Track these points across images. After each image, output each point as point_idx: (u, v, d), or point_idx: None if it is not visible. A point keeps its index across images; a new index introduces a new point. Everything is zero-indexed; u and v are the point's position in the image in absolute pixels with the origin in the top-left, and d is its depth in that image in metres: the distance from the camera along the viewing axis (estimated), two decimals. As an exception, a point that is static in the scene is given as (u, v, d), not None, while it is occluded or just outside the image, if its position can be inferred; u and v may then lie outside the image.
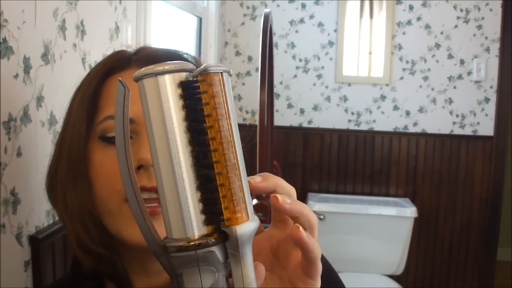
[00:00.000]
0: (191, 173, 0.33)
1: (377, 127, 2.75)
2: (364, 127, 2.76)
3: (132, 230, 0.55)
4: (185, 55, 0.66)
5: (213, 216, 0.34)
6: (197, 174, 0.33)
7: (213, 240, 0.33)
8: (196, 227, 0.33)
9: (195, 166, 0.33)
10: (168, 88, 0.33)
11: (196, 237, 0.33)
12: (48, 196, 0.64)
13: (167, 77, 0.33)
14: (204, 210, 0.33)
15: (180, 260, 0.33)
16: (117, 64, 0.63)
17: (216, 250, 0.34)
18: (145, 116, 0.34)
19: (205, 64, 0.34)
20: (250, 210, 0.34)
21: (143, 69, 0.33)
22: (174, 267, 0.34)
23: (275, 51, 2.68)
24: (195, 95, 0.33)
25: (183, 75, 0.34)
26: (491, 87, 2.67)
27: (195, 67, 0.35)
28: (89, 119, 0.60)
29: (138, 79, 0.34)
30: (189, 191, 0.33)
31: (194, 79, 0.34)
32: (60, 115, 0.94)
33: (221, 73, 0.34)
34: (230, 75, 0.36)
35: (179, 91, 0.33)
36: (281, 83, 2.77)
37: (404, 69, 2.72)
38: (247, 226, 0.34)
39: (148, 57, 0.62)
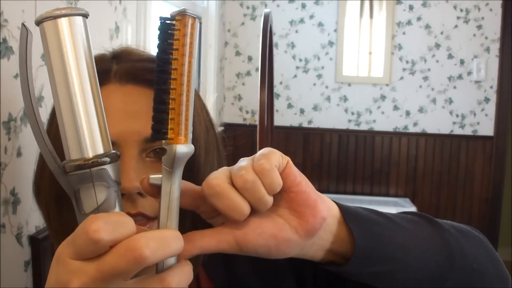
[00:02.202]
0: (90, 101, 0.39)
1: (377, 127, 2.75)
2: (364, 127, 2.76)
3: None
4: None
5: (159, 134, 0.39)
6: (154, 96, 0.39)
7: (105, 159, 0.38)
8: (90, 148, 0.38)
9: (98, 97, 0.39)
10: (66, 29, 0.39)
11: (91, 157, 0.38)
12: (35, 197, 0.62)
13: (64, 20, 0.39)
14: (152, 127, 0.39)
15: (77, 178, 0.38)
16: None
17: (109, 168, 0.39)
18: (46, 54, 0.39)
19: (184, 8, 0.39)
20: (189, 138, 0.40)
21: (43, 13, 0.39)
22: (72, 184, 0.38)
23: (275, 51, 2.68)
24: (169, 30, 0.38)
25: (78, 19, 0.39)
26: (491, 87, 2.67)
27: (88, 13, 0.41)
28: None
29: (38, 22, 0.39)
30: (85, 117, 0.38)
31: (172, 16, 0.39)
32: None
33: (195, 18, 0.39)
34: (201, 23, 0.41)
35: (84, 32, 0.39)
36: (281, 83, 2.77)
37: (404, 69, 2.72)
38: (184, 147, 0.39)
39: (129, 69, 0.57)
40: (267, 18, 1.73)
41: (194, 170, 0.57)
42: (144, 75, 0.57)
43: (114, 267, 0.33)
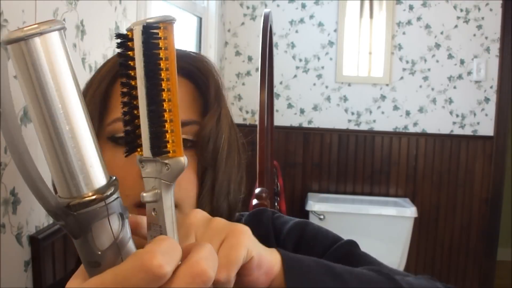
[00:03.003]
0: (86, 127, 0.33)
1: (377, 127, 2.75)
2: (364, 127, 2.76)
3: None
4: (194, 55, 0.64)
5: (159, 149, 0.37)
6: (148, 109, 0.36)
7: (114, 188, 0.34)
8: (97, 180, 0.34)
9: (92, 126, 0.34)
10: (40, 50, 0.32)
11: (102, 188, 0.34)
12: None
13: (36, 40, 0.31)
14: (152, 144, 0.37)
15: (89, 215, 0.33)
16: None
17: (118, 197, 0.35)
18: (20, 82, 0.33)
19: (161, 15, 0.37)
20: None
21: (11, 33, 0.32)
22: (83, 223, 0.33)
23: (275, 51, 2.68)
24: (151, 40, 0.36)
25: (56, 34, 0.32)
26: (491, 87, 2.67)
27: (64, 26, 0.34)
28: (99, 119, 0.59)
29: (6, 43, 0.32)
30: (92, 147, 0.34)
31: (155, 25, 0.37)
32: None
33: (173, 22, 0.37)
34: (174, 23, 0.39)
35: (63, 48, 0.32)
36: (281, 83, 2.77)
37: (404, 69, 2.72)
38: (185, 159, 0.38)
39: None
40: (267, 18, 1.73)
41: (215, 167, 0.58)
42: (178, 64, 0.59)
43: None
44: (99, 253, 0.34)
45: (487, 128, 2.69)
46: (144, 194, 0.39)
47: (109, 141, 0.58)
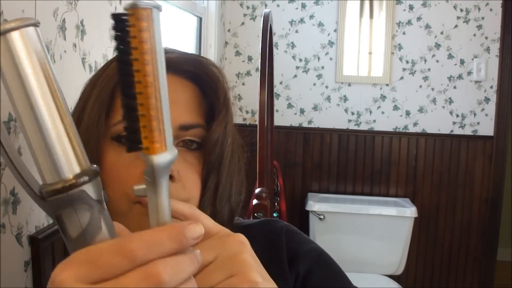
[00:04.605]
0: (58, 119, 0.35)
1: (377, 127, 2.75)
2: (364, 127, 2.76)
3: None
4: (204, 60, 0.64)
5: (133, 144, 0.35)
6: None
7: (82, 179, 0.35)
8: (65, 170, 0.35)
9: (65, 114, 0.35)
10: (19, 43, 0.34)
11: (67, 179, 0.35)
12: None
13: (15, 34, 0.34)
14: (126, 138, 0.35)
15: (55, 203, 0.35)
16: None
17: (88, 188, 0.35)
18: (2, 74, 0.35)
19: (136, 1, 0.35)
20: (169, 141, 0.36)
21: None
22: (52, 210, 0.35)
23: (275, 51, 2.68)
24: (124, 28, 0.34)
25: (31, 29, 0.34)
26: (491, 87, 2.67)
27: (38, 22, 0.36)
28: (105, 119, 0.59)
29: None
30: (55, 137, 0.35)
31: (125, 12, 0.35)
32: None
33: (151, 9, 0.35)
34: (160, 11, 0.36)
35: (40, 45, 0.35)
36: (281, 83, 2.77)
37: (404, 69, 2.72)
38: (164, 156, 0.35)
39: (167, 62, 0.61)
40: (267, 18, 1.73)
41: (220, 171, 0.59)
42: (183, 65, 0.59)
43: None
44: (70, 241, 0.36)
45: (487, 128, 2.69)
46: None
47: (114, 141, 0.58)
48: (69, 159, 0.35)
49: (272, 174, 2.09)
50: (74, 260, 0.34)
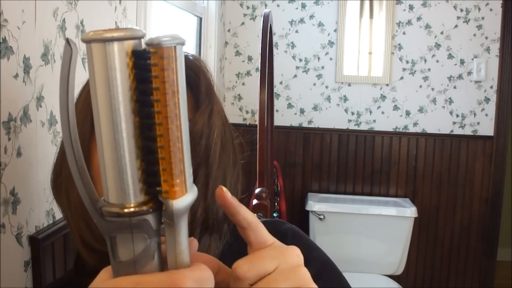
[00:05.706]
0: (133, 142, 0.33)
1: (377, 127, 2.75)
2: (364, 127, 2.76)
3: None
4: (190, 57, 0.64)
5: (152, 187, 0.34)
6: (140, 145, 0.34)
7: (147, 208, 0.34)
8: (132, 195, 0.34)
9: (139, 136, 0.34)
10: (116, 56, 0.32)
11: (132, 205, 0.34)
12: (53, 193, 0.63)
13: (115, 45, 0.32)
14: (143, 181, 0.34)
15: (114, 225, 0.34)
16: None
17: (150, 218, 0.34)
18: (90, 80, 0.33)
19: (158, 36, 0.33)
20: (189, 182, 0.35)
21: (91, 32, 0.32)
22: (108, 229, 0.35)
23: (275, 51, 2.68)
24: (146, 66, 0.33)
25: (131, 43, 0.33)
26: (491, 87, 2.67)
27: (145, 35, 0.34)
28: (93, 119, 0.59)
29: (86, 42, 0.33)
30: (128, 159, 0.33)
31: (146, 49, 0.33)
32: (60, 115, 0.94)
33: (175, 46, 0.33)
34: (184, 45, 0.35)
35: (128, 60, 0.32)
36: (281, 83, 2.77)
37: (404, 69, 2.72)
38: (183, 200, 0.34)
39: None
40: (267, 18, 1.73)
41: (209, 163, 0.59)
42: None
43: None
44: (117, 262, 0.35)
45: (487, 128, 2.69)
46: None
47: None
48: (137, 184, 0.34)
49: (272, 174, 2.09)
50: (121, 285, 0.34)
